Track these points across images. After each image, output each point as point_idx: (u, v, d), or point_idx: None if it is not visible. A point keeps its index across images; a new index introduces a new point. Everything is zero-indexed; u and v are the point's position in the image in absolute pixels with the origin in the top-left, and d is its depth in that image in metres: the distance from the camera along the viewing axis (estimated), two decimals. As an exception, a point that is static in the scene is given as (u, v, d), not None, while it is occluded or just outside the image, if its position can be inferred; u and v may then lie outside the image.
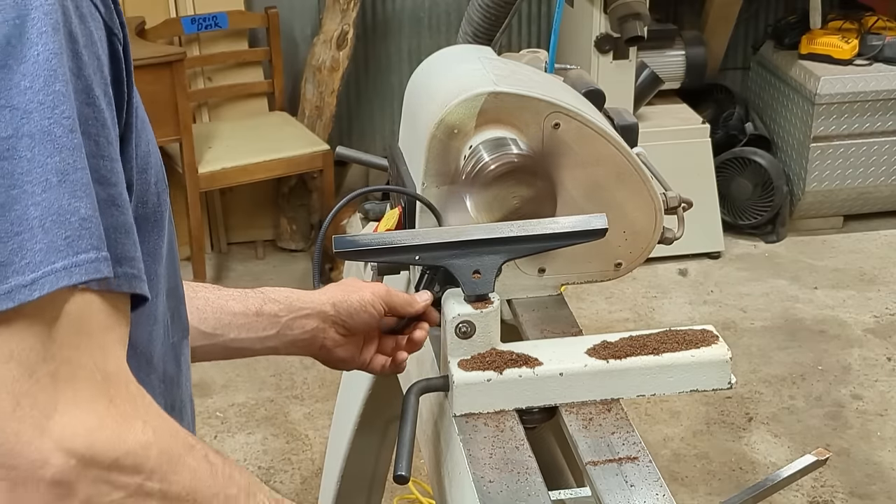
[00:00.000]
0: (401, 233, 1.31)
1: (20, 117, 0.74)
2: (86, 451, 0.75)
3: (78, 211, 0.74)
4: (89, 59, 0.78)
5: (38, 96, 0.74)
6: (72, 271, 0.74)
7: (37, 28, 0.74)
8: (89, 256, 0.74)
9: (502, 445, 1.15)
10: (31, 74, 0.74)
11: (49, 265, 0.73)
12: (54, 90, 0.75)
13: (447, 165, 1.36)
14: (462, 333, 1.21)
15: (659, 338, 1.25)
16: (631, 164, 1.40)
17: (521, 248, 1.25)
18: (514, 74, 1.44)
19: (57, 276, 0.73)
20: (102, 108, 0.79)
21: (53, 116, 0.74)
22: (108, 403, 0.77)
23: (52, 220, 0.73)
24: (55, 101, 0.75)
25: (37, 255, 0.73)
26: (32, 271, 0.73)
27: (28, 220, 0.73)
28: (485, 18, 3.41)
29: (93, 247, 0.75)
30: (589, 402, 1.22)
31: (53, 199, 0.74)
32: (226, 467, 0.86)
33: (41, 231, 0.73)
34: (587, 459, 1.13)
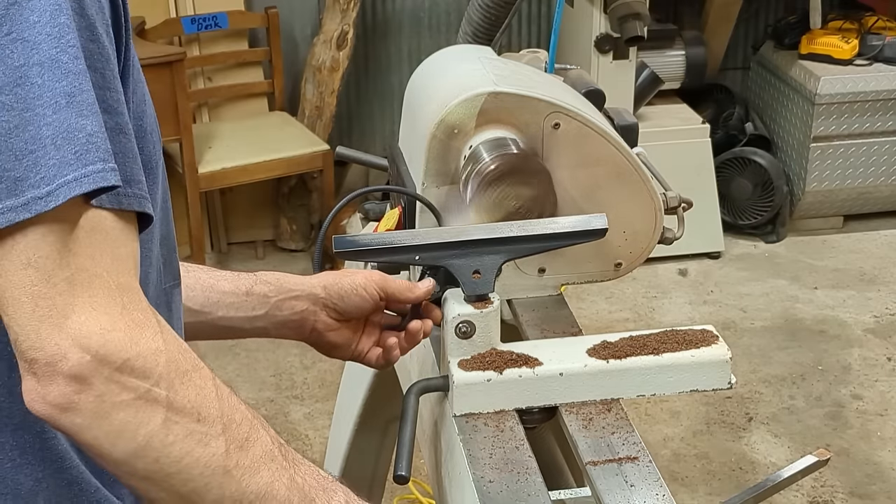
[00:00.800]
0: (401, 233, 1.31)
1: (30, 48, 0.80)
2: (100, 348, 0.81)
3: (85, 128, 0.80)
4: (91, 1, 0.84)
5: (45, 28, 0.80)
6: (82, 181, 0.80)
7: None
8: (97, 168, 0.80)
9: (502, 445, 1.15)
10: (39, 9, 0.80)
11: (62, 178, 0.79)
12: (59, 22, 0.81)
13: (447, 165, 1.36)
14: (462, 333, 1.21)
15: (659, 338, 1.25)
16: (631, 164, 1.40)
17: (521, 248, 1.25)
18: (514, 74, 1.44)
19: (69, 187, 0.79)
20: (105, 44, 0.85)
21: (60, 45, 0.80)
22: (122, 309, 0.82)
23: (63, 137, 0.80)
24: (61, 32, 0.81)
25: (51, 170, 0.79)
26: (47, 184, 0.79)
27: (41, 139, 0.79)
28: (485, 18, 3.41)
29: (100, 159, 0.81)
30: (589, 402, 1.22)
31: (63, 118, 0.80)
32: (232, 396, 0.91)
33: (53, 148, 0.80)
34: (587, 459, 1.13)
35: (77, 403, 0.81)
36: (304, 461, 0.95)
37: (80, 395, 0.81)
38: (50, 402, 0.81)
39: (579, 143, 1.37)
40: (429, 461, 1.32)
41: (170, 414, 0.84)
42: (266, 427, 0.93)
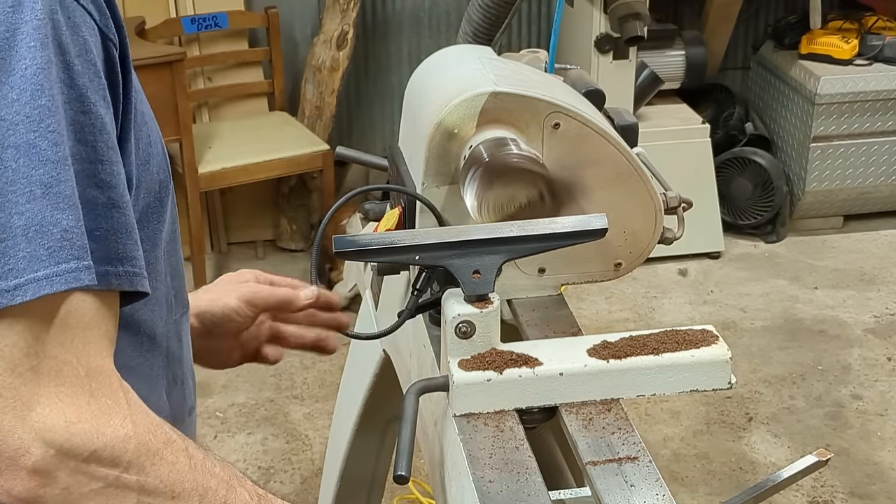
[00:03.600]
0: (401, 233, 1.31)
1: (6, 128, 0.76)
2: (64, 442, 0.78)
3: (60, 223, 0.77)
4: (83, 68, 0.80)
5: (24, 109, 0.76)
6: (53, 280, 0.77)
7: (25, 42, 0.77)
8: (69, 266, 0.77)
9: (502, 445, 1.15)
10: (19, 87, 0.76)
11: (32, 273, 0.76)
12: (40, 104, 0.77)
13: (447, 165, 1.36)
14: (462, 333, 1.21)
15: (659, 338, 1.25)
16: (631, 164, 1.40)
17: (521, 248, 1.24)
18: (514, 74, 1.44)
19: (39, 284, 0.76)
20: (100, 113, 0.81)
21: (39, 130, 0.77)
22: (89, 398, 0.79)
23: (35, 230, 0.76)
24: (41, 115, 0.77)
25: (20, 262, 0.76)
26: (16, 277, 0.76)
27: (11, 228, 0.76)
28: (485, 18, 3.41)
29: (74, 257, 0.77)
30: (589, 402, 1.22)
31: (37, 210, 0.76)
32: (206, 461, 0.88)
33: (24, 240, 0.76)
34: (587, 459, 1.13)
35: (42, 497, 0.78)
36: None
37: (45, 489, 0.78)
38: (14, 496, 0.78)
39: (579, 143, 1.37)
40: (429, 461, 1.32)
41: (142, 497, 0.82)
42: (243, 482, 0.91)
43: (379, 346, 1.69)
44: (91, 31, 0.82)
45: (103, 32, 0.84)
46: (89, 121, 0.81)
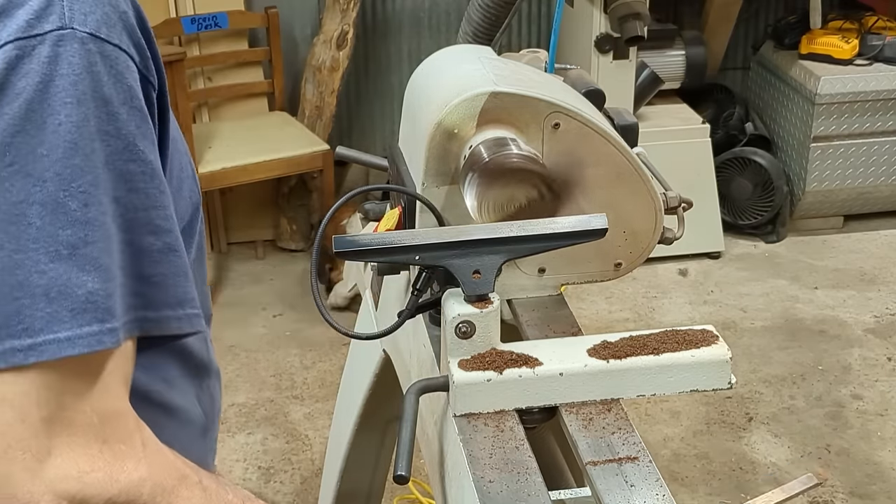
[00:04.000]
0: (401, 233, 1.31)
1: (33, 184, 0.73)
2: (77, 493, 0.76)
3: (85, 284, 0.75)
4: (129, 115, 0.78)
5: (55, 166, 0.74)
6: (75, 342, 0.75)
7: (60, 97, 0.74)
8: (92, 329, 0.75)
9: (502, 445, 1.15)
10: (50, 143, 0.74)
11: (52, 334, 0.74)
12: (72, 163, 0.74)
13: (447, 165, 1.36)
14: (462, 333, 1.21)
15: (659, 338, 1.25)
16: (631, 164, 1.40)
17: (521, 248, 1.24)
18: (514, 74, 1.44)
19: (59, 346, 0.74)
20: (149, 159, 0.80)
21: (69, 189, 0.74)
22: (102, 445, 0.77)
23: (58, 290, 0.74)
24: (73, 174, 0.74)
25: (37, 322, 0.74)
26: (31, 336, 0.74)
27: (29, 286, 0.74)
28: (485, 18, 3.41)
29: (97, 319, 0.76)
30: (589, 402, 1.22)
31: (62, 271, 0.74)
32: (220, 490, 0.88)
33: (44, 300, 0.74)
34: (587, 459, 1.13)
35: None
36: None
37: None
38: None
39: (579, 143, 1.37)
40: (429, 461, 1.32)
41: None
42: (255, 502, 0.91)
43: (379, 346, 1.69)
44: (133, 76, 0.80)
45: (143, 75, 0.82)
46: (139, 168, 0.79)
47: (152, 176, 0.80)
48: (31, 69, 0.73)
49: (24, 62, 0.73)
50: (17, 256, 0.73)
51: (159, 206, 0.81)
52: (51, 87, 0.74)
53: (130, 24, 0.81)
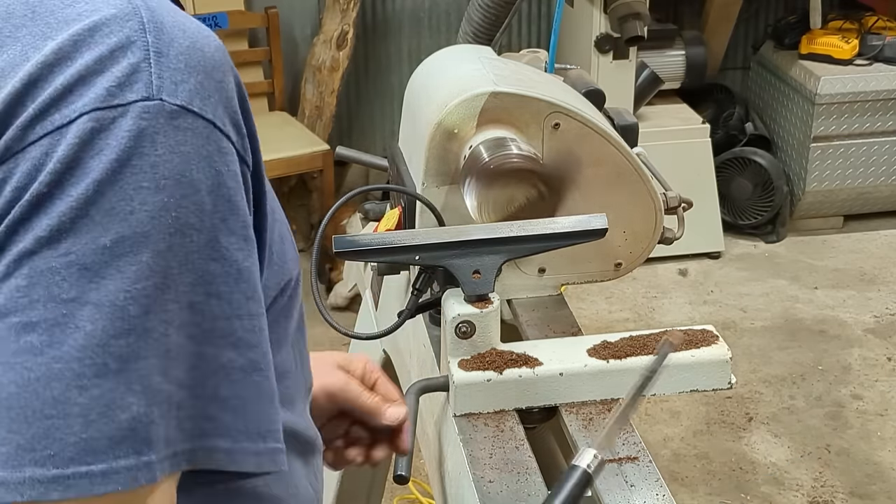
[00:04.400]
0: (401, 233, 1.31)
1: (89, 280, 0.62)
2: None
3: (130, 408, 0.63)
4: (215, 206, 0.66)
5: (116, 262, 0.62)
6: (109, 478, 0.62)
7: (136, 180, 0.63)
8: (129, 462, 0.63)
9: (502, 445, 1.15)
10: (116, 234, 0.62)
11: (84, 465, 0.62)
12: (140, 260, 0.63)
13: (447, 165, 1.36)
14: (462, 333, 1.21)
15: (659, 338, 1.25)
16: (631, 164, 1.40)
17: (521, 248, 1.25)
18: (514, 74, 1.44)
19: (92, 481, 0.62)
20: (235, 258, 0.68)
21: (132, 291, 0.62)
22: None
23: (99, 412, 0.62)
24: (138, 274, 0.63)
25: (67, 450, 0.61)
26: (58, 466, 0.61)
27: (67, 404, 0.61)
28: (485, 18, 3.41)
29: (134, 451, 0.63)
30: (589, 402, 1.22)
31: (107, 388, 0.62)
32: None
33: (81, 423, 0.61)
34: (587, 459, 1.13)
35: None
36: None
37: None
38: None
39: (579, 143, 1.37)
40: (429, 461, 1.32)
41: None
42: None
43: (379, 346, 1.69)
44: (226, 158, 0.68)
45: (240, 156, 0.70)
46: (222, 269, 0.67)
47: (237, 279, 0.68)
48: (106, 145, 0.62)
49: (99, 137, 0.62)
50: (56, 366, 0.61)
51: (244, 314, 0.68)
52: (127, 167, 0.62)
53: (228, 94, 0.70)
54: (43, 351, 0.61)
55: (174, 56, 0.66)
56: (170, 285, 0.64)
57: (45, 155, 0.62)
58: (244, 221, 0.69)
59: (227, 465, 0.69)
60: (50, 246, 0.62)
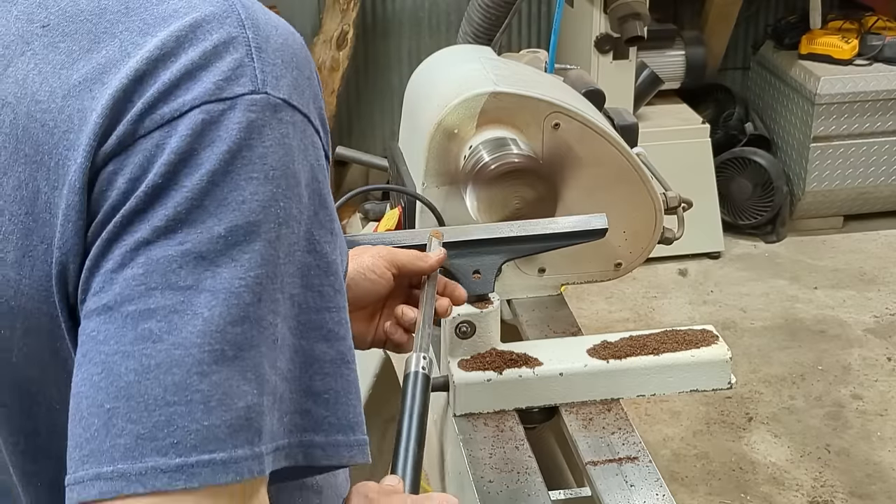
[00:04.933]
0: (401, 233, 1.31)
1: (205, 269, 0.63)
2: None
3: (245, 396, 0.63)
4: (310, 199, 0.68)
5: (231, 251, 0.63)
6: (229, 467, 0.62)
7: (247, 171, 0.64)
8: (245, 452, 0.63)
9: (502, 445, 1.15)
10: (229, 223, 0.64)
11: (206, 453, 0.61)
12: (253, 248, 0.64)
13: (447, 165, 1.36)
14: (462, 333, 1.21)
15: (659, 338, 1.25)
16: (631, 164, 1.40)
17: (521, 248, 1.25)
18: (514, 74, 1.44)
19: (214, 470, 0.61)
20: (325, 251, 0.69)
21: (246, 279, 0.63)
22: None
23: (219, 399, 0.62)
24: (251, 262, 0.64)
25: (190, 437, 0.61)
26: (180, 455, 0.61)
27: (188, 391, 0.61)
28: (485, 18, 3.41)
29: (248, 441, 0.63)
30: (589, 402, 1.22)
31: (225, 375, 0.62)
32: None
33: (202, 409, 0.61)
34: (587, 459, 1.13)
35: None
36: None
37: None
38: None
39: (579, 143, 1.37)
40: (429, 461, 1.32)
41: None
42: None
43: (379, 346, 1.69)
44: (317, 152, 0.70)
45: (325, 150, 0.72)
46: (315, 262, 0.68)
47: (327, 272, 0.69)
48: (217, 137, 0.64)
49: (211, 129, 0.64)
50: (176, 352, 0.61)
51: (333, 307, 0.69)
52: (238, 158, 0.64)
53: (315, 90, 0.71)
54: (162, 338, 0.61)
55: (272, 52, 0.68)
56: (277, 275, 0.65)
57: (158, 147, 0.64)
58: (331, 215, 0.71)
59: (323, 459, 0.69)
60: (166, 236, 0.63)
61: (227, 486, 0.62)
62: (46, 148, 0.66)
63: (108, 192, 0.64)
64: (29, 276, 0.68)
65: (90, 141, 0.64)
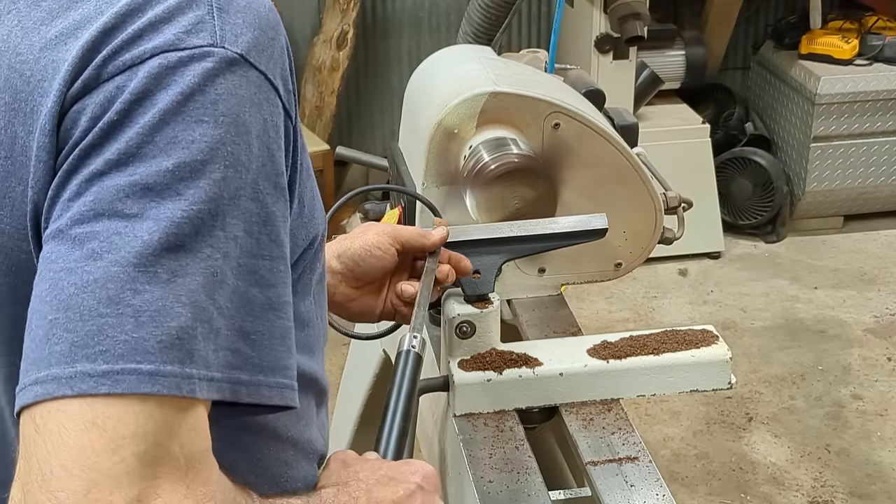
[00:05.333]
0: (401, 232, 1.31)
1: (150, 199, 0.68)
2: None
3: (178, 317, 0.67)
4: (259, 150, 0.73)
5: (177, 185, 0.68)
6: (156, 379, 0.66)
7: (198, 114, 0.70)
8: (175, 369, 0.67)
9: (502, 445, 1.15)
10: (176, 160, 0.68)
11: (132, 363, 0.65)
12: (196, 185, 0.69)
13: (447, 165, 1.36)
14: (462, 333, 1.21)
15: (659, 338, 1.25)
16: (631, 164, 1.40)
17: (521, 248, 1.25)
18: (514, 74, 1.44)
19: (139, 379, 0.65)
20: (266, 202, 0.74)
21: (188, 212, 0.68)
22: (186, 490, 0.67)
23: (150, 315, 0.66)
24: (194, 197, 0.69)
25: (118, 347, 0.65)
26: (107, 362, 0.65)
27: (120, 304, 0.66)
28: (485, 18, 3.41)
29: (179, 360, 0.67)
30: (589, 402, 1.22)
31: (158, 295, 0.66)
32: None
33: (133, 322, 0.66)
34: (587, 459, 1.13)
35: None
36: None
37: None
38: None
39: (579, 143, 1.37)
40: (429, 461, 1.32)
41: None
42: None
43: (379, 346, 1.69)
44: (272, 109, 0.75)
45: (285, 109, 0.77)
46: (256, 210, 0.73)
47: (265, 221, 0.73)
48: (173, 81, 0.69)
49: (167, 74, 0.69)
50: (113, 269, 0.66)
51: (267, 255, 0.74)
52: (190, 102, 0.69)
53: (279, 51, 0.76)
54: (102, 256, 0.67)
55: (234, 12, 0.73)
56: (219, 214, 0.70)
57: (118, 89, 0.70)
58: (278, 171, 0.75)
59: (246, 397, 0.72)
60: (118, 168, 0.68)
61: (158, 399, 0.66)
62: (23, 96, 0.73)
63: (72, 130, 0.70)
64: (9, 216, 0.74)
65: (60, 87, 0.70)
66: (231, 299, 0.72)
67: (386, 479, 0.86)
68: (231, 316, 0.72)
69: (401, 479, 0.86)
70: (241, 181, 0.71)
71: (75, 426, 0.64)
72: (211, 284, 0.69)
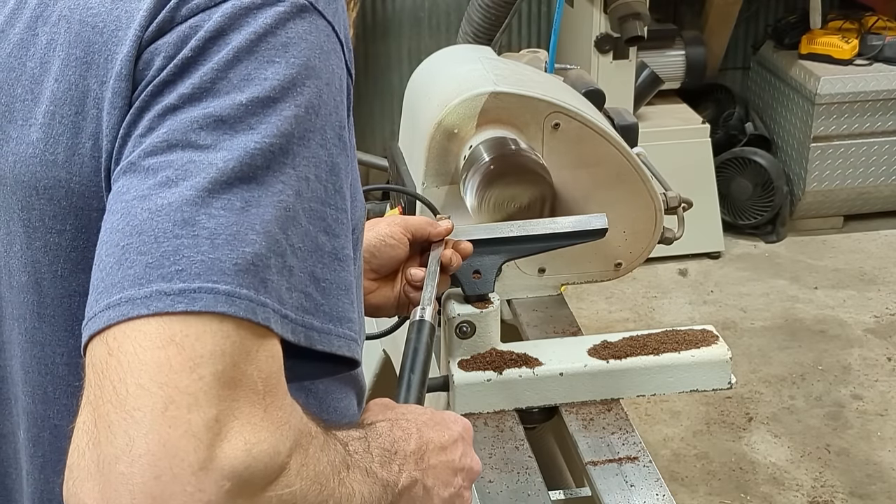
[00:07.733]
0: (401, 232, 1.31)
1: (224, 132, 0.68)
2: (244, 470, 0.63)
3: (253, 244, 0.66)
4: (326, 98, 0.73)
5: (250, 119, 0.69)
6: (234, 301, 0.64)
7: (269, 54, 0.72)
8: (250, 294, 0.65)
9: (502, 445, 1.15)
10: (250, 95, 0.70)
11: (209, 282, 0.64)
12: (269, 120, 0.69)
13: (447, 165, 1.37)
14: (462, 333, 1.21)
15: (659, 338, 1.25)
16: (631, 164, 1.40)
17: (521, 248, 1.25)
18: (514, 74, 1.44)
19: (216, 299, 0.64)
20: (333, 152, 0.74)
21: (261, 144, 0.69)
22: (263, 413, 0.65)
23: (226, 239, 0.66)
24: (267, 131, 0.69)
25: (195, 266, 0.64)
26: (183, 281, 0.64)
27: (195, 225, 0.65)
28: (485, 18, 3.41)
29: (254, 287, 0.66)
30: (589, 402, 1.22)
31: (234, 220, 0.66)
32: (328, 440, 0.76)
33: (209, 244, 0.65)
34: (587, 459, 1.13)
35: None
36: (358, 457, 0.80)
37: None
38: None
39: (579, 143, 1.37)
40: (429, 461, 1.32)
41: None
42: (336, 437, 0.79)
43: (379, 346, 1.69)
44: (338, 61, 0.76)
45: (346, 64, 0.78)
46: (325, 156, 0.73)
47: (331, 170, 0.73)
48: (247, 22, 0.71)
49: (241, 15, 0.71)
50: (188, 193, 0.66)
51: (333, 205, 0.73)
52: (262, 42, 0.71)
53: (342, 9, 0.78)
54: (177, 182, 0.66)
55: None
56: (289, 152, 0.70)
57: (192, 29, 0.71)
58: (342, 123, 0.75)
59: (318, 344, 0.71)
60: (191, 102, 0.69)
61: (235, 321, 0.65)
62: (97, 48, 0.74)
63: (145, 71, 0.71)
64: (78, 174, 0.74)
65: (136, 32, 0.72)
66: (303, 240, 0.71)
67: (432, 422, 0.87)
68: (304, 258, 0.71)
69: (445, 425, 0.88)
70: (310, 123, 0.72)
71: (152, 344, 0.62)
72: (284, 219, 0.69)
